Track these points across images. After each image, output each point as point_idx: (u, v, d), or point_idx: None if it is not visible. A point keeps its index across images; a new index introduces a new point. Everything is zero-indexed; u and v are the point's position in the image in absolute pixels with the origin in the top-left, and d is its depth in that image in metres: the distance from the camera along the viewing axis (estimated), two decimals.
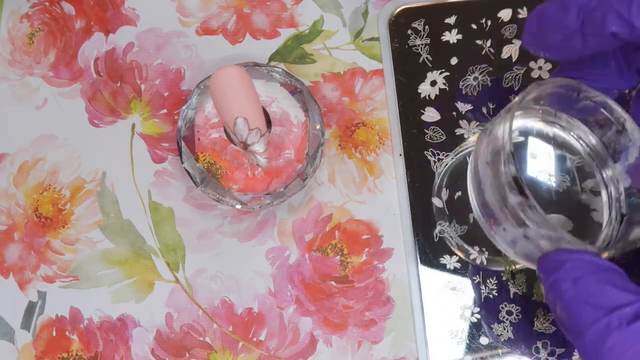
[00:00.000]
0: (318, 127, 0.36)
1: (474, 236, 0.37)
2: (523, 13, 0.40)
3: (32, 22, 0.42)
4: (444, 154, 0.38)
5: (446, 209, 0.37)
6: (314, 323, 0.37)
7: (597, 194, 0.32)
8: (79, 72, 0.41)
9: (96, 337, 0.37)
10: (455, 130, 0.39)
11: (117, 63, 0.41)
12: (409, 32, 0.40)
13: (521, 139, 0.33)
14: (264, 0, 0.41)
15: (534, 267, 0.29)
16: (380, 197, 0.38)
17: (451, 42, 0.40)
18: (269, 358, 0.36)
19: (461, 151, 0.38)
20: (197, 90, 0.37)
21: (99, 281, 0.38)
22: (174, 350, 0.37)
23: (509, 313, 0.36)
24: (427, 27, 0.40)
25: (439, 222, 0.37)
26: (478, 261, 0.37)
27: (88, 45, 0.41)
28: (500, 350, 0.36)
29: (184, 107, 0.36)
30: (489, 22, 0.40)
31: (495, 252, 0.37)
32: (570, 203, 0.32)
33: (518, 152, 0.33)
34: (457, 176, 0.38)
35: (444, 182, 0.38)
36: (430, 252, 0.37)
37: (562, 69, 0.31)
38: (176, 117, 0.40)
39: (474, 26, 0.40)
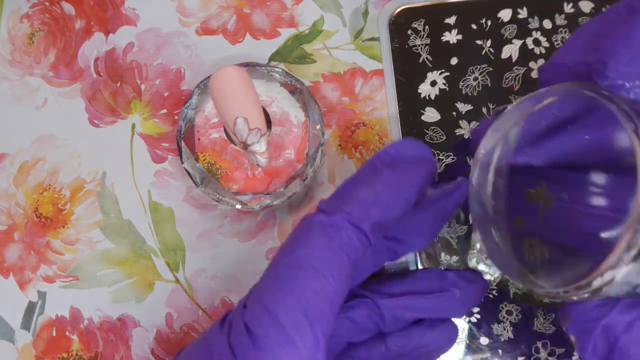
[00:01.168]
0: (318, 127, 0.36)
1: None
2: (523, 13, 0.40)
3: (32, 22, 0.42)
4: (444, 154, 0.38)
5: None
6: None
7: None
8: (79, 72, 0.41)
9: (96, 337, 0.37)
10: (455, 130, 0.39)
11: (117, 63, 0.41)
12: (409, 32, 0.40)
13: None
14: (264, 0, 0.41)
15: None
16: None
17: (451, 42, 0.40)
18: None
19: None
20: (197, 90, 0.37)
21: (99, 281, 0.38)
22: (174, 350, 0.37)
23: (509, 313, 0.36)
24: (427, 27, 0.40)
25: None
26: (477, 261, 0.37)
27: (88, 45, 0.41)
28: (500, 350, 0.36)
29: (184, 107, 0.36)
30: (489, 22, 0.40)
31: None
32: None
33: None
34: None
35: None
36: (431, 252, 0.37)
37: None
38: (176, 117, 0.40)
39: (474, 26, 0.40)
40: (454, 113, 0.39)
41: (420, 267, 0.37)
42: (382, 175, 0.27)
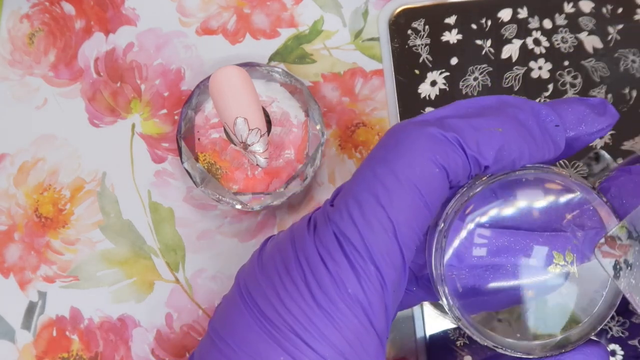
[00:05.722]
0: (318, 127, 0.36)
1: None
2: (523, 13, 0.40)
3: (32, 22, 0.42)
4: None
5: None
6: None
7: None
8: (79, 72, 0.41)
9: (96, 337, 0.37)
10: None
11: (117, 63, 0.41)
12: (409, 32, 0.40)
13: None
14: (264, 0, 0.42)
15: None
16: None
17: (451, 42, 0.40)
18: None
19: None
20: (197, 90, 0.37)
21: (99, 281, 0.38)
22: (174, 350, 0.37)
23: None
24: (427, 27, 0.40)
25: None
26: None
27: (88, 45, 0.41)
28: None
29: (184, 107, 0.36)
30: (489, 22, 0.40)
31: None
32: None
33: None
34: None
35: None
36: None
37: None
38: (176, 117, 0.40)
39: (474, 26, 0.40)
40: None
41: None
42: (537, 132, 0.24)
